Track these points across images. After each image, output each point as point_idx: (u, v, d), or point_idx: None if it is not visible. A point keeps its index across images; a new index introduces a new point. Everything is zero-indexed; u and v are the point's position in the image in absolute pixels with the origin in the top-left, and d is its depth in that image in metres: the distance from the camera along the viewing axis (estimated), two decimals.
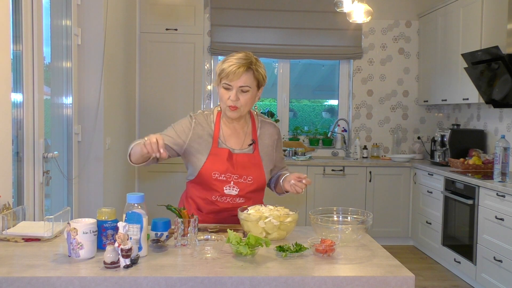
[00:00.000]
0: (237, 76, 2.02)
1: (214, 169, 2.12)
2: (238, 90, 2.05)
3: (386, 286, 1.53)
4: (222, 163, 2.12)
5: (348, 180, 5.31)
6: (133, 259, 1.57)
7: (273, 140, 2.26)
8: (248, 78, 2.04)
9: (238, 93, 2.05)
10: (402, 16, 5.82)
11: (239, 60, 2.04)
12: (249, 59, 2.06)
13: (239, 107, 2.07)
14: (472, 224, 4.08)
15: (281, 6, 5.67)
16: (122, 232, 1.55)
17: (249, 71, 2.04)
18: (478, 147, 4.89)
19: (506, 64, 3.89)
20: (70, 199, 3.43)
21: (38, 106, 2.74)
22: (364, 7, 4.04)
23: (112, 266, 1.53)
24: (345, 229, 1.83)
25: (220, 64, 2.08)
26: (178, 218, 1.82)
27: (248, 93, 2.06)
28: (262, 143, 2.23)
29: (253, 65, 2.06)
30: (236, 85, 2.04)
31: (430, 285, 4.24)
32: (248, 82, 2.05)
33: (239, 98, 2.06)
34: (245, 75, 2.03)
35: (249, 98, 2.08)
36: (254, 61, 2.08)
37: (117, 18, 4.10)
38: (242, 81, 2.04)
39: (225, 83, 2.05)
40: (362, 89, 5.85)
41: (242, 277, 1.50)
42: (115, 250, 1.53)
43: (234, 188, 2.14)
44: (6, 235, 1.86)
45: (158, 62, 5.10)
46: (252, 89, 2.07)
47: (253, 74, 2.05)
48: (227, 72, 2.02)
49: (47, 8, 2.99)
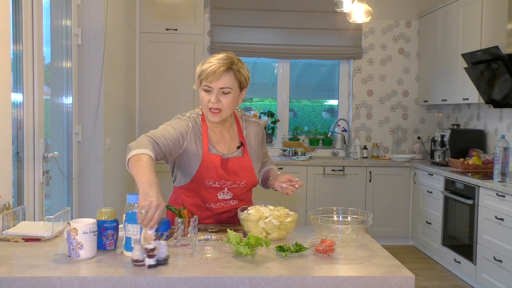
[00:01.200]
0: (217, 77, 1.93)
1: (207, 177, 2.05)
2: (219, 92, 1.96)
3: (386, 286, 1.53)
4: (215, 170, 2.05)
5: (348, 180, 5.31)
6: (160, 259, 1.57)
7: (258, 138, 2.21)
8: (229, 79, 1.96)
9: (219, 95, 1.96)
10: (402, 16, 5.82)
11: (219, 61, 1.95)
12: (230, 59, 1.97)
13: (221, 110, 1.98)
14: (472, 224, 4.08)
15: (281, 6, 5.66)
16: (149, 232, 1.56)
17: (230, 72, 1.96)
18: (478, 147, 4.89)
19: (506, 64, 3.89)
20: (70, 199, 3.43)
21: (38, 106, 2.74)
22: (364, 7, 4.04)
23: (138, 264, 1.56)
24: (345, 229, 1.83)
25: (200, 65, 2.00)
26: (178, 218, 1.82)
27: (229, 95, 1.98)
28: (249, 143, 2.17)
29: (234, 65, 1.97)
30: (216, 86, 1.95)
31: (430, 285, 4.24)
32: (229, 83, 1.96)
33: (220, 100, 1.97)
34: (225, 75, 1.95)
35: (231, 100, 1.98)
36: (236, 61, 1.99)
37: (117, 18, 4.10)
38: (223, 82, 1.95)
39: (205, 85, 1.97)
40: (362, 89, 5.85)
41: (242, 277, 1.50)
42: (142, 249, 1.55)
43: (228, 194, 2.11)
44: (6, 235, 1.86)
45: (158, 62, 5.10)
46: (234, 91, 1.99)
47: (234, 75, 1.97)
48: (207, 73, 1.94)
49: (47, 8, 2.99)
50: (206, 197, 2.11)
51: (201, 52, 5.17)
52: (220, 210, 2.15)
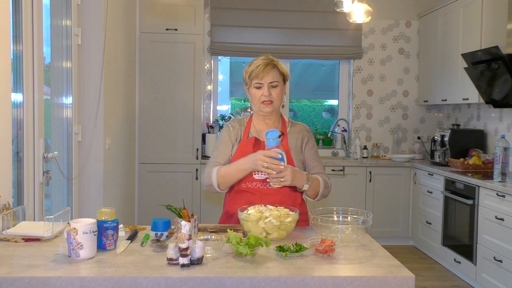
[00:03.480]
0: (266, 73, 2.22)
1: (242, 156, 2.20)
2: (269, 86, 2.23)
3: (386, 286, 1.53)
4: (249, 150, 2.23)
5: (348, 180, 5.31)
6: (194, 259, 1.57)
7: (302, 136, 2.34)
8: (275, 74, 2.24)
9: (270, 89, 2.24)
10: (402, 16, 5.82)
11: (264, 61, 2.25)
12: (271, 58, 2.28)
13: (273, 101, 2.25)
14: (472, 224, 4.08)
15: (281, 6, 5.67)
16: (183, 231, 1.56)
17: (275, 68, 2.25)
18: (478, 147, 4.89)
19: (506, 64, 3.89)
20: (70, 199, 3.42)
21: (38, 106, 2.73)
22: (364, 7, 4.04)
23: (172, 262, 1.58)
24: (345, 229, 1.83)
25: (247, 68, 2.28)
26: (178, 218, 1.82)
27: (277, 88, 2.25)
28: (291, 137, 2.33)
29: (275, 62, 2.27)
30: (266, 81, 2.23)
31: (430, 285, 4.24)
32: (276, 78, 2.24)
33: (271, 93, 2.24)
34: (272, 71, 2.23)
35: (279, 92, 2.26)
36: (276, 60, 2.30)
37: (117, 18, 4.10)
38: (271, 77, 2.23)
39: (256, 82, 2.23)
40: (362, 89, 5.85)
41: (242, 277, 1.50)
42: (177, 247, 1.56)
43: (263, 173, 2.17)
44: (6, 235, 1.86)
45: (158, 62, 5.10)
46: (280, 84, 2.27)
47: (278, 70, 2.26)
48: (256, 72, 2.22)
49: (47, 8, 2.99)
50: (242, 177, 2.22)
51: (201, 52, 5.17)
52: (258, 192, 2.20)
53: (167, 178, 5.12)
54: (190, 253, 1.56)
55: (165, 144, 5.14)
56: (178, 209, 1.89)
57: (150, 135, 5.14)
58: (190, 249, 1.56)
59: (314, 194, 2.24)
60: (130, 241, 1.86)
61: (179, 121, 5.14)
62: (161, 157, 5.13)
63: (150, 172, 5.14)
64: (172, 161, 5.14)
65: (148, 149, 5.14)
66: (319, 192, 2.23)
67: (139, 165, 5.15)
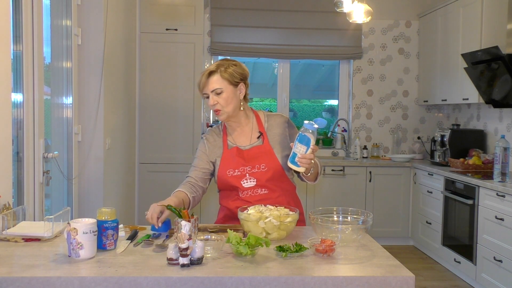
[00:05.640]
0: (206, 83, 2.16)
1: (227, 168, 2.22)
2: (213, 94, 2.16)
3: (386, 286, 1.53)
4: (232, 160, 2.22)
5: (348, 180, 5.31)
6: (193, 259, 1.58)
7: (283, 127, 2.29)
8: (215, 81, 2.15)
9: (215, 97, 2.16)
10: (402, 16, 5.82)
11: (206, 70, 2.18)
12: (216, 64, 2.19)
13: (221, 109, 2.18)
14: (472, 224, 4.08)
15: (281, 6, 5.66)
16: (183, 231, 1.57)
17: (214, 75, 2.16)
18: (478, 147, 4.89)
19: (506, 64, 3.89)
20: (70, 199, 3.43)
21: (38, 106, 2.73)
22: (364, 7, 4.04)
23: (172, 262, 1.58)
24: (345, 229, 1.83)
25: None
26: (178, 218, 1.82)
27: (222, 94, 2.16)
28: (272, 133, 2.28)
29: (219, 68, 2.16)
30: (208, 90, 2.17)
31: (430, 285, 4.24)
32: (217, 85, 2.15)
33: (217, 101, 2.16)
34: (210, 79, 2.15)
35: (227, 97, 2.17)
36: (223, 63, 2.18)
37: (117, 18, 4.10)
38: (212, 85, 2.15)
39: (203, 94, 2.20)
40: (362, 89, 5.85)
41: (242, 277, 1.50)
42: (176, 248, 1.57)
43: (251, 180, 2.19)
44: (6, 235, 1.86)
45: (158, 62, 5.10)
46: (226, 89, 2.16)
47: (219, 75, 2.15)
48: (200, 84, 2.19)
49: (47, 8, 2.99)
50: (232, 188, 2.23)
51: (201, 52, 5.17)
52: (250, 199, 2.19)
53: (167, 178, 5.12)
54: (190, 253, 1.56)
55: (165, 144, 5.14)
56: (178, 209, 1.89)
57: (150, 135, 5.14)
58: (190, 249, 1.56)
59: (314, 177, 2.21)
60: (130, 241, 1.86)
61: (179, 121, 5.14)
62: (161, 157, 5.13)
63: (150, 172, 5.14)
64: (172, 161, 5.14)
65: (148, 149, 5.14)
66: (318, 173, 2.22)
67: (139, 165, 5.15)
